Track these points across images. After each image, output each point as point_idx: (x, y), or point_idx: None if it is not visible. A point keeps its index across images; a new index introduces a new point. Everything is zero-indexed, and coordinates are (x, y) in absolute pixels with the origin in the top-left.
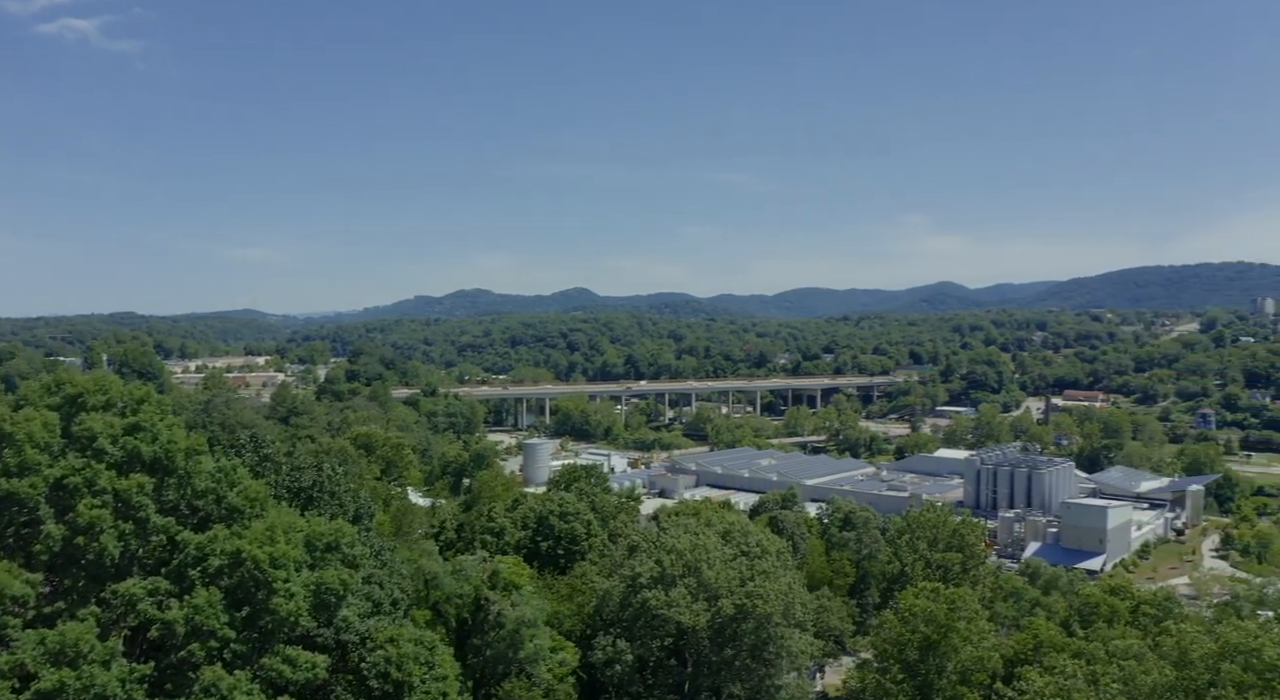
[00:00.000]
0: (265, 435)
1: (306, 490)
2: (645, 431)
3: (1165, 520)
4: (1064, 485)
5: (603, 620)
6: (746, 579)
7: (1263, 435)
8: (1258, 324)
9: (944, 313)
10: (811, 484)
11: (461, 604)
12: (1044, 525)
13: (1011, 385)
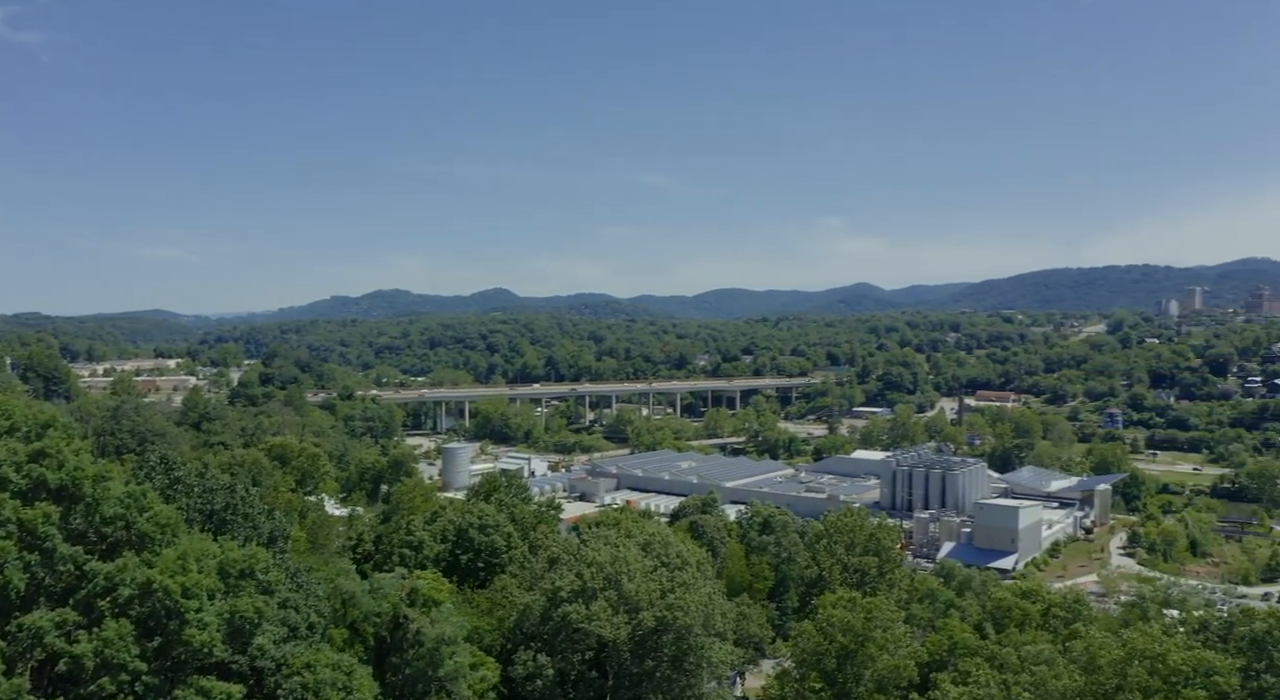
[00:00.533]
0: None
1: (219, 513)
2: (566, 434)
3: (1074, 519)
4: (977, 485)
5: (523, 634)
6: (667, 591)
7: (1167, 434)
8: (1162, 325)
9: (861, 314)
10: (731, 486)
11: (380, 622)
12: (958, 525)
13: (926, 386)
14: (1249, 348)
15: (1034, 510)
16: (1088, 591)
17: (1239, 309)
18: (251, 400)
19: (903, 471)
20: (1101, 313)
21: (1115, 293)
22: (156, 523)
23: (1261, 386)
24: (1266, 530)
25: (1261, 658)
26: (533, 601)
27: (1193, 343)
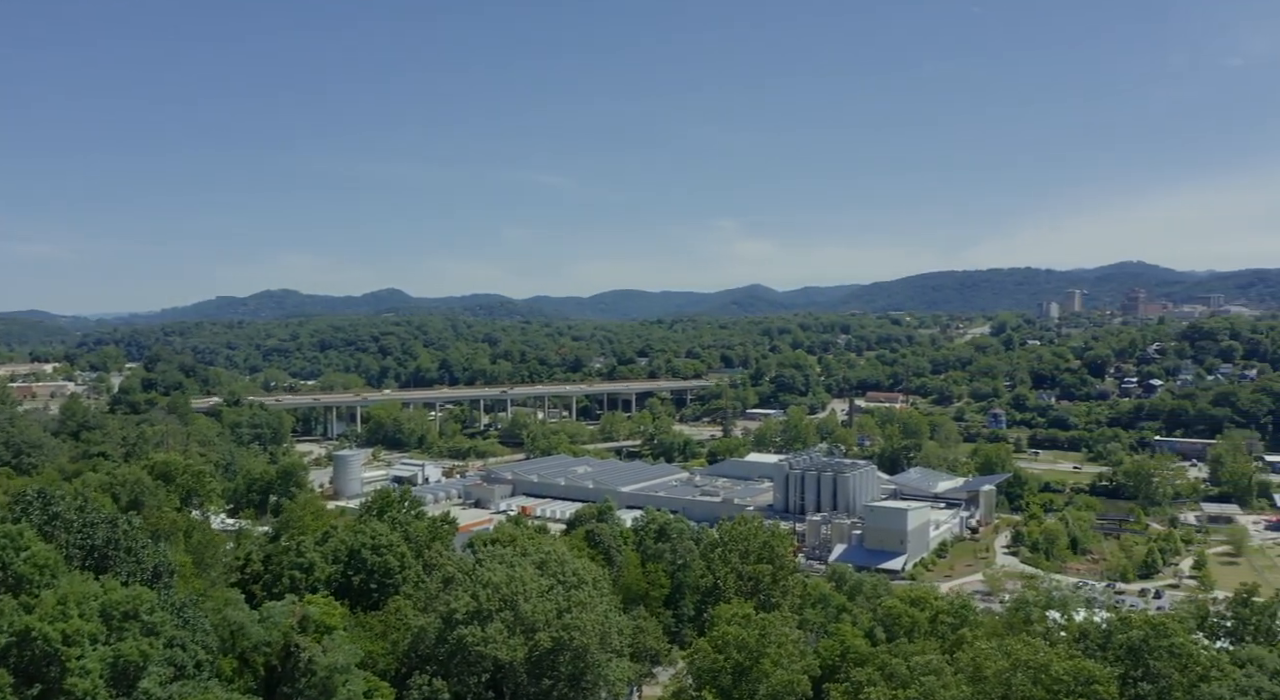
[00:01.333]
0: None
1: (101, 548)
2: (460, 439)
3: (961, 519)
4: (867, 487)
5: (418, 657)
6: (563, 610)
7: (1048, 434)
8: (1043, 327)
9: (754, 316)
10: (627, 491)
11: (270, 651)
12: (849, 527)
13: (818, 388)
14: (1125, 349)
15: (922, 511)
16: (973, 591)
17: (1116, 310)
18: (133, 407)
19: (795, 475)
20: (986, 314)
21: (998, 295)
22: (34, 564)
23: (1137, 387)
24: (1143, 527)
25: (1138, 666)
26: (427, 624)
27: (1072, 345)
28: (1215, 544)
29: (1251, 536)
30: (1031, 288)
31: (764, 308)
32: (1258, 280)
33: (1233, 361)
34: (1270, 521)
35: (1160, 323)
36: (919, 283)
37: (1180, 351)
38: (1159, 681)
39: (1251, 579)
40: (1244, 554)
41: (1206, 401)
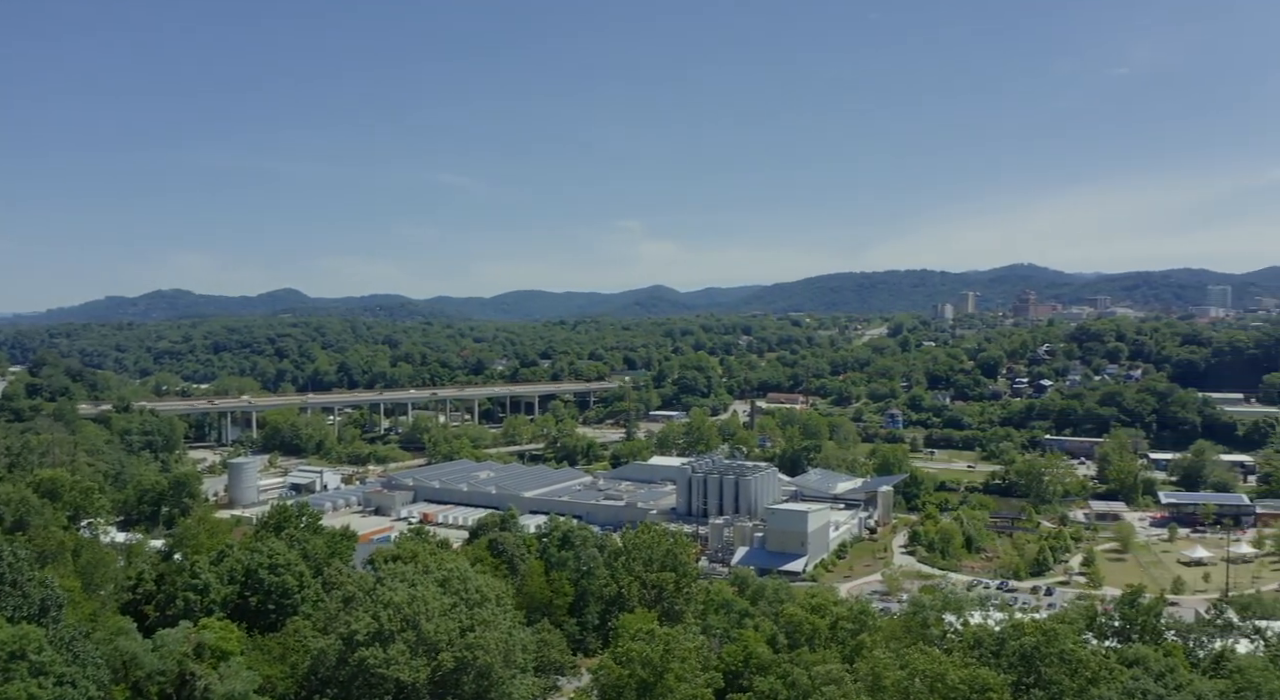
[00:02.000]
0: None
1: None
2: (359, 444)
3: (860, 520)
4: (769, 490)
5: (318, 680)
6: (466, 629)
7: (944, 433)
8: (938, 328)
9: (657, 316)
10: (530, 496)
11: (165, 680)
12: (751, 530)
13: (720, 389)
14: (1017, 350)
15: (822, 513)
16: (872, 591)
17: (1008, 312)
18: (17, 414)
19: (698, 478)
20: (883, 315)
21: (895, 296)
22: None
23: (1028, 387)
24: (1034, 525)
25: (1030, 672)
26: (327, 646)
27: (966, 346)
28: (1103, 541)
29: (1137, 533)
30: (927, 289)
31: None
32: (1142, 282)
33: (1118, 362)
34: (1155, 518)
35: (1050, 324)
36: (819, 284)
37: (1069, 352)
38: (1050, 688)
39: (1137, 575)
40: (1130, 550)
41: (1094, 401)
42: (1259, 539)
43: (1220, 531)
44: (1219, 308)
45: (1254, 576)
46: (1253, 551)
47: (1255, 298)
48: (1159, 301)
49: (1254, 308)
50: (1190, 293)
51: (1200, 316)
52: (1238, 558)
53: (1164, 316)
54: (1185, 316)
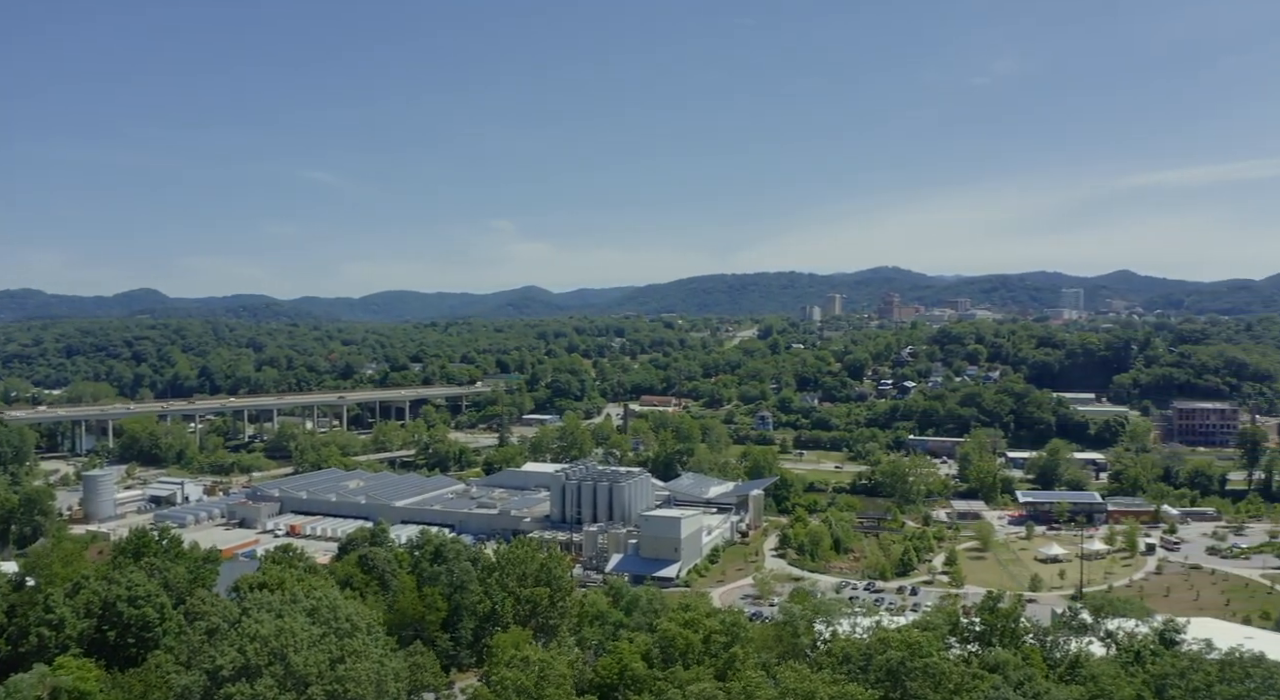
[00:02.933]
0: None
1: None
2: (223, 453)
3: (732, 524)
4: (642, 496)
5: None
6: (337, 661)
7: (812, 435)
8: (807, 330)
9: (530, 318)
10: (401, 505)
11: None
12: (625, 537)
13: (594, 392)
14: (882, 353)
15: (695, 519)
16: (744, 595)
17: (873, 313)
18: None
19: (572, 485)
20: (753, 317)
21: (766, 297)
22: None
23: (893, 388)
24: (899, 525)
25: (896, 687)
26: (191, 682)
27: (833, 348)
28: (965, 540)
29: (996, 531)
30: (796, 290)
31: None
32: (1000, 285)
33: (978, 364)
34: (1013, 517)
35: (913, 327)
36: (691, 285)
37: (931, 354)
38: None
39: (997, 573)
40: (990, 548)
41: (955, 402)
42: (1110, 535)
43: (1074, 529)
44: (1072, 310)
45: (1106, 572)
46: (1104, 548)
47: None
48: (1016, 303)
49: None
50: (1045, 295)
51: (1054, 318)
52: (1091, 554)
53: (1020, 319)
54: (1040, 319)
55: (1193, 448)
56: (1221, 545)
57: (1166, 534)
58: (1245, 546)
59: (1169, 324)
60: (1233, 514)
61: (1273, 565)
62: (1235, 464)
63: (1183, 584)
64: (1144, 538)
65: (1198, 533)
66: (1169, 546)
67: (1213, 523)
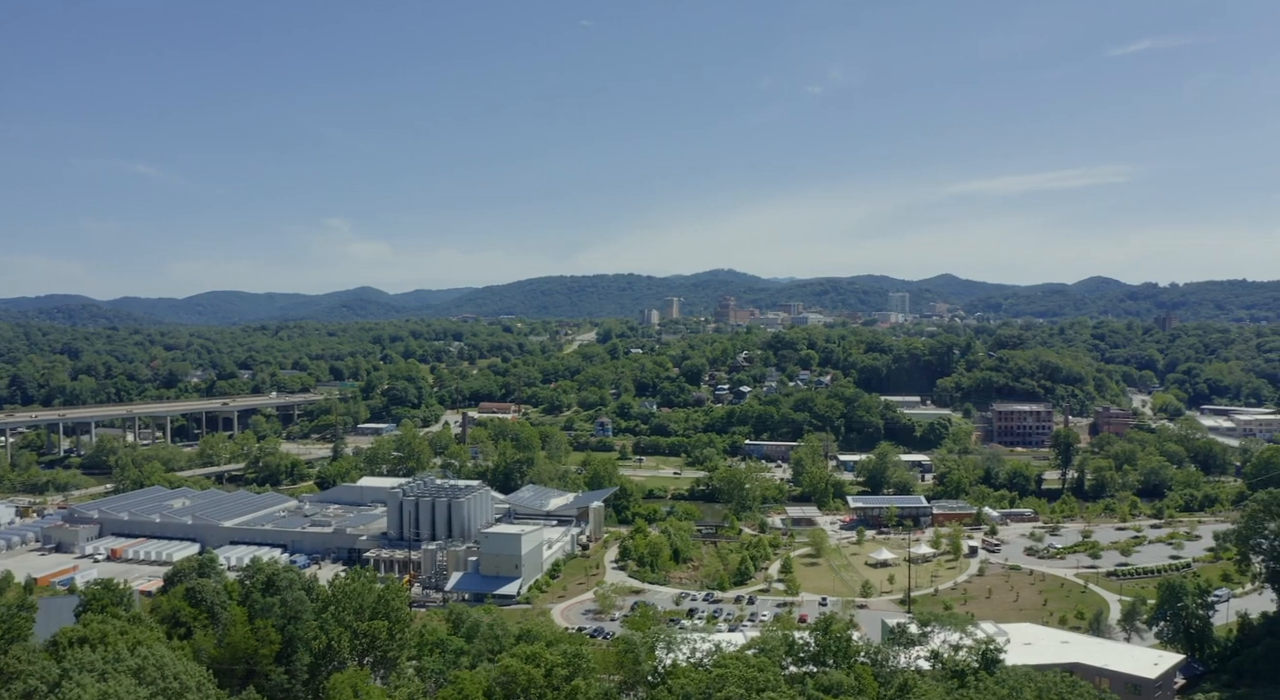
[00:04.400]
0: None
1: None
2: (36, 471)
3: (572, 536)
4: (482, 511)
5: None
6: None
7: (651, 440)
8: (645, 334)
9: (365, 321)
10: (231, 525)
11: None
12: (464, 554)
13: (431, 400)
14: (718, 358)
15: (536, 534)
16: (586, 610)
17: (710, 317)
18: None
19: (409, 502)
20: (592, 320)
21: (605, 299)
22: None
23: (729, 393)
24: (736, 532)
25: None
26: None
27: (671, 353)
28: (799, 546)
29: (829, 537)
30: (635, 293)
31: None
32: (831, 288)
33: (810, 369)
34: (845, 521)
35: (749, 332)
36: (530, 287)
37: (766, 359)
38: None
39: (830, 579)
40: (823, 554)
41: (789, 407)
42: (936, 539)
43: (902, 532)
44: (899, 313)
45: (933, 575)
46: (931, 551)
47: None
48: (846, 306)
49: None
50: (874, 298)
51: (883, 322)
52: (918, 558)
53: (850, 322)
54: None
55: (1011, 448)
56: (1039, 546)
57: (988, 536)
58: (1060, 547)
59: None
60: (1048, 514)
61: (1085, 565)
62: (1050, 463)
63: (1004, 585)
64: (967, 540)
65: (1017, 533)
66: (990, 548)
67: (1030, 523)
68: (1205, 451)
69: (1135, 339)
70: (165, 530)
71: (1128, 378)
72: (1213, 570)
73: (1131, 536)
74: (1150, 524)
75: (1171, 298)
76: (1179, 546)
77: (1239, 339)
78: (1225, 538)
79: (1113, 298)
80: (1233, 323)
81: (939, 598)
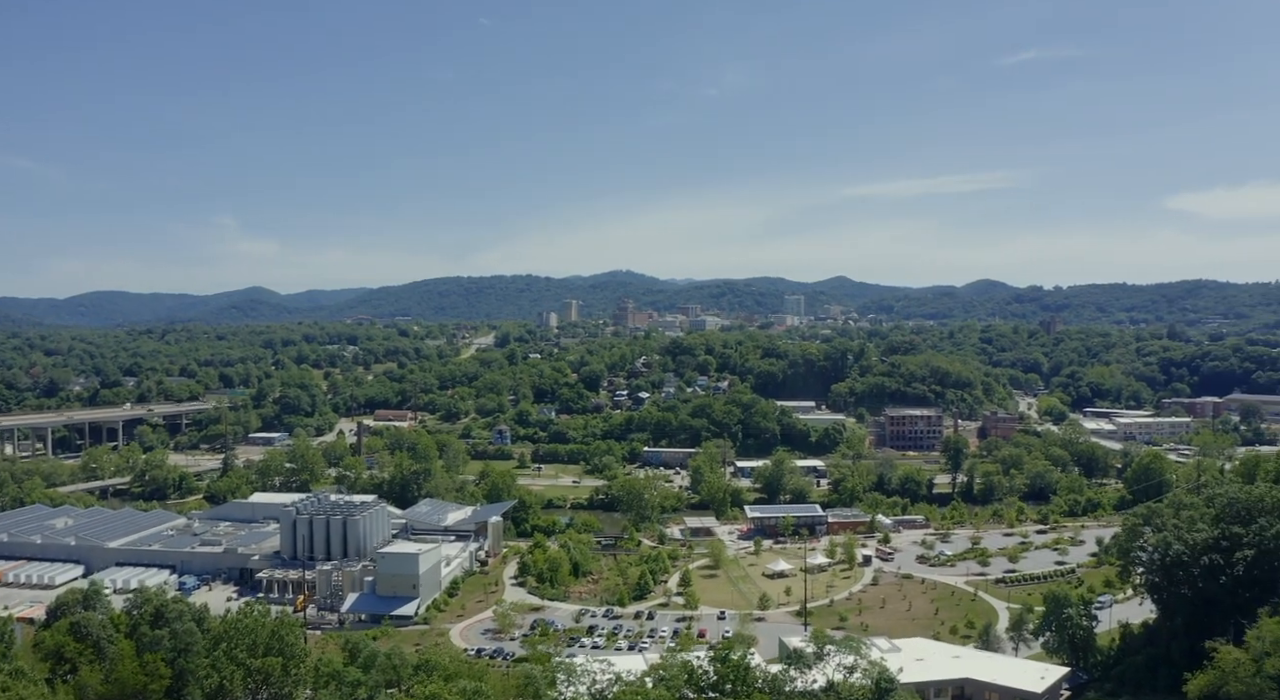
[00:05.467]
0: None
1: None
2: None
3: (471, 553)
4: (378, 529)
5: None
6: None
7: (550, 448)
8: (544, 338)
9: (256, 324)
10: (116, 546)
11: None
12: (360, 574)
13: (325, 408)
14: (617, 363)
15: (434, 552)
16: (485, 630)
17: (608, 320)
18: None
19: (303, 520)
20: (490, 323)
21: (503, 301)
22: None
23: (628, 399)
24: (636, 544)
25: None
26: None
27: (570, 359)
28: (698, 558)
29: (727, 547)
30: (533, 295)
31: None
32: (728, 290)
33: (708, 374)
34: (742, 531)
35: (647, 337)
36: (427, 288)
37: (664, 365)
38: None
39: (728, 592)
40: (722, 566)
41: (687, 413)
42: (831, 548)
43: (799, 541)
44: (794, 315)
45: (828, 586)
46: (826, 561)
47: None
48: (743, 308)
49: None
50: (770, 300)
51: (778, 325)
52: (814, 568)
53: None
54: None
55: (903, 452)
56: (930, 554)
57: (882, 544)
58: (951, 554)
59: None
60: (939, 521)
61: (975, 572)
62: (940, 468)
63: (897, 594)
64: (861, 549)
65: (909, 541)
66: (884, 557)
67: (922, 530)
68: (1088, 455)
69: (1021, 342)
70: (47, 552)
71: (1014, 381)
72: (1096, 576)
73: (1019, 542)
74: (1036, 529)
75: (1056, 300)
76: (1064, 552)
77: (1119, 343)
78: (1107, 548)
79: (1000, 300)
80: (1114, 325)
81: (835, 609)
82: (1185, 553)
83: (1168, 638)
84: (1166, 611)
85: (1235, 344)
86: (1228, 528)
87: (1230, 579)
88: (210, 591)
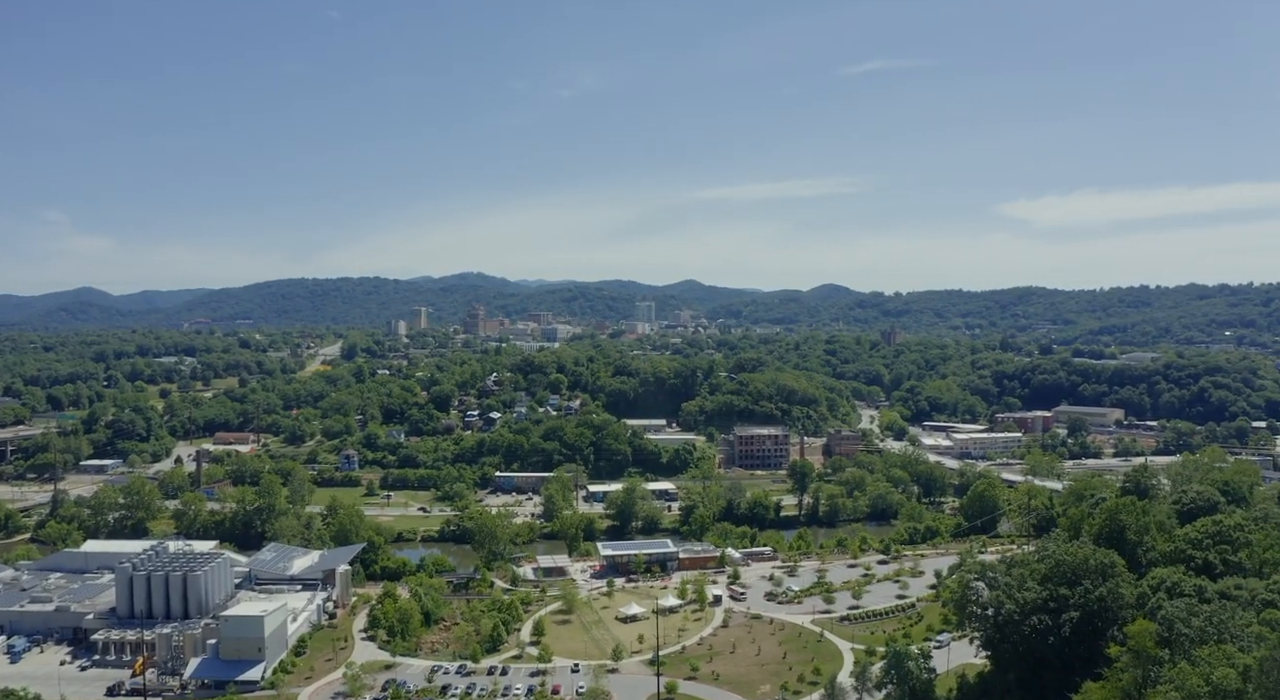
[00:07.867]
0: None
1: None
2: None
3: (319, 604)
4: (220, 583)
5: None
6: None
7: (400, 473)
8: (392, 347)
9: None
10: None
11: None
12: (203, 636)
13: (161, 431)
14: (468, 381)
15: (279, 612)
16: (335, 693)
17: (459, 326)
18: None
19: (140, 576)
20: (336, 330)
21: (349, 304)
22: None
23: (479, 420)
24: (489, 586)
25: None
26: None
27: (420, 376)
28: (551, 601)
29: (580, 588)
30: (381, 297)
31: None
32: (579, 294)
33: (560, 393)
34: (595, 569)
35: (499, 353)
36: (269, 290)
37: (516, 383)
38: None
39: (583, 639)
40: (575, 610)
41: (539, 435)
42: (683, 587)
43: (651, 579)
44: (645, 322)
45: (680, 630)
46: (677, 602)
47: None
48: (595, 314)
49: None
50: (621, 304)
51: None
52: (665, 611)
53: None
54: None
55: (751, 472)
56: (778, 590)
57: (732, 583)
58: (797, 589)
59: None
60: (787, 551)
61: (820, 609)
62: (787, 488)
63: (746, 637)
64: (712, 587)
65: (758, 575)
66: (736, 596)
67: (770, 563)
68: (927, 476)
69: (864, 354)
70: None
71: (857, 393)
72: (934, 611)
73: (862, 575)
74: (879, 559)
75: (896, 306)
76: (905, 585)
77: (955, 355)
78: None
79: (843, 305)
80: (950, 332)
81: (686, 656)
82: (1016, 612)
83: (1001, 691)
84: (1000, 666)
85: (1063, 357)
86: (1055, 589)
87: (1058, 640)
88: (42, 653)
